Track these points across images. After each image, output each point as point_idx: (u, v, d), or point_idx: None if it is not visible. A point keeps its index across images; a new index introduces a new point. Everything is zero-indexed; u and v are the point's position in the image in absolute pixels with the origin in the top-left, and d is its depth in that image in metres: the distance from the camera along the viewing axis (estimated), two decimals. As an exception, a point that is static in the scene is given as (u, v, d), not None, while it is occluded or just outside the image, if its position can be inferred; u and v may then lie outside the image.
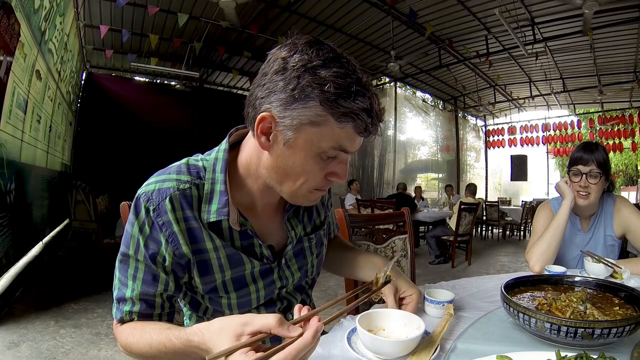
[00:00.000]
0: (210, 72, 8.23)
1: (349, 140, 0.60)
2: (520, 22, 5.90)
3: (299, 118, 0.57)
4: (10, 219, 2.86)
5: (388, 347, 0.64)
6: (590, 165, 1.35)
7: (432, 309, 0.86)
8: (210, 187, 0.67)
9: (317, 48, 0.57)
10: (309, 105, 0.56)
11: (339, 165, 0.64)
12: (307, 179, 0.63)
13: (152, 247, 0.65)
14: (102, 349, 2.19)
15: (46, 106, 4.03)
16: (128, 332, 0.65)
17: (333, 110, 0.56)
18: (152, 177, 0.68)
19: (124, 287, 0.67)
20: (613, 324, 0.63)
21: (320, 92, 0.55)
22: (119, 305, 0.67)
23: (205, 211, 0.66)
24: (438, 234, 5.06)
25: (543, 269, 1.25)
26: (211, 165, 0.69)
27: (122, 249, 0.67)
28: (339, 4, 5.76)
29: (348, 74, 0.56)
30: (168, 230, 0.64)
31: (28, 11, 2.86)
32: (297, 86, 0.56)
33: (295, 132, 0.59)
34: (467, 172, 11.78)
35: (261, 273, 0.73)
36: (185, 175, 0.67)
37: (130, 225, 0.65)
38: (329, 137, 0.59)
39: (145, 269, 0.66)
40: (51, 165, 4.66)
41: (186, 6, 5.53)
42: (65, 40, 4.52)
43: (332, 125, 0.57)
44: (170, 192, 0.64)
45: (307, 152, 0.60)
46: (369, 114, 0.58)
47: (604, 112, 9.35)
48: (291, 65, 0.57)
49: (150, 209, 0.64)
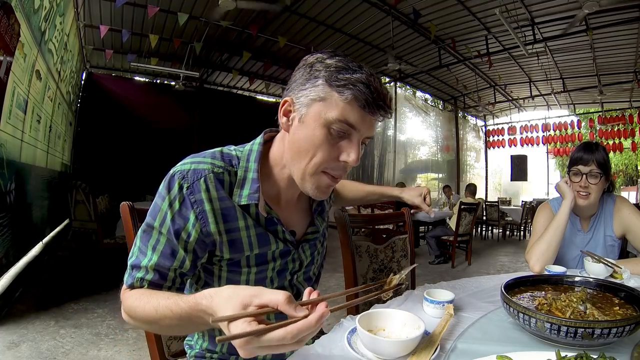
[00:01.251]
0: (210, 72, 8.23)
1: (354, 114, 0.65)
2: (520, 22, 5.90)
3: (310, 95, 0.66)
4: (10, 219, 2.86)
5: (388, 347, 0.64)
6: (590, 165, 1.35)
7: (432, 309, 0.86)
8: (243, 174, 0.73)
9: (331, 52, 0.69)
10: (317, 83, 0.66)
11: (350, 145, 0.67)
12: (315, 154, 0.67)
13: (179, 223, 0.68)
14: (102, 349, 2.19)
15: (46, 106, 4.03)
16: (136, 296, 0.66)
17: (334, 84, 0.64)
18: (187, 158, 0.73)
19: (142, 255, 0.69)
20: (613, 324, 0.63)
21: (326, 72, 0.65)
22: (132, 271, 0.69)
23: (237, 195, 0.72)
24: (438, 234, 5.06)
25: (543, 269, 1.25)
26: (245, 155, 0.75)
27: (148, 219, 0.70)
28: (339, 4, 5.76)
29: (349, 61, 0.67)
30: (199, 207, 0.68)
31: (28, 11, 2.86)
32: (310, 72, 0.67)
33: (307, 108, 0.67)
34: (467, 172, 11.78)
35: (281, 253, 0.79)
36: (219, 161, 0.73)
37: (161, 199, 0.69)
38: (334, 108, 0.65)
39: (167, 242, 0.68)
40: (51, 165, 4.66)
41: (186, 6, 5.53)
42: (65, 40, 4.52)
43: (336, 98, 0.64)
44: (205, 174, 0.69)
45: (317, 124, 0.66)
46: (367, 86, 0.63)
47: (604, 112, 9.35)
48: (308, 61, 0.69)
49: (184, 186, 0.68)
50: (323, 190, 0.71)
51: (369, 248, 1.39)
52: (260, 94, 9.84)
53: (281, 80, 8.86)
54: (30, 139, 3.49)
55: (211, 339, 0.85)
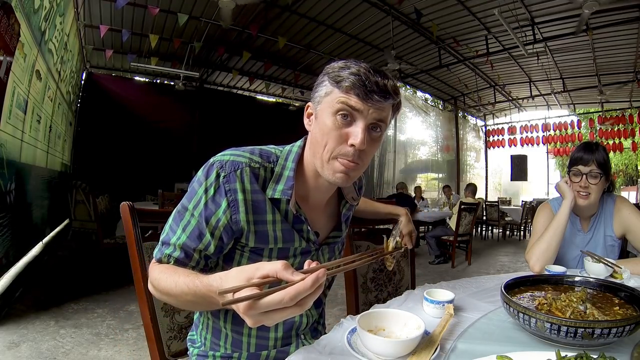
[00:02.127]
0: (210, 72, 8.23)
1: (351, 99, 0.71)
2: (520, 22, 5.90)
3: (320, 94, 0.75)
4: (10, 219, 2.86)
5: (388, 347, 0.64)
6: (590, 165, 1.35)
7: (432, 309, 0.86)
8: (280, 170, 0.79)
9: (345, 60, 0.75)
10: (324, 83, 0.75)
11: (355, 129, 0.72)
12: (327, 141, 0.73)
13: (210, 208, 0.74)
14: (102, 349, 2.19)
15: (46, 106, 4.03)
16: (162, 269, 0.72)
17: (335, 80, 0.72)
18: (228, 150, 0.79)
19: (172, 233, 0.75)
20: (613, 324, 0.63)
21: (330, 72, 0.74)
22: (162, 247, 0.76)
23: (271, 188, 0.77)
24: (438, 234, 5.06)
25: (543, 269, 1.25)
26: (284, 154, 0.82)
27: (184, 201, 0.76)
28: (339, 4, 5.76)
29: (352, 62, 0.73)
30: (232, 196, 0.74)
31: (28, 11, 2.86)
32: (321, 77, 0.76)
33: (319, 105, 0.75)
34: (467, 172, 11.78)
35: (302, 252, 0.84)
36: (257, 157, 0.78)
37: (198, 184, 0.75)
38: (337, 99, 0.72)
39: (196, 224, 0.74)
40: (51, 165, 4.66)
41: (186, 6, 5.54)
42: (65, 40, 4.52)
43: (337, 91, 0.72)
44: (242, 167, 0.75)
45: (326, 116, 0.73)
46: (357, 76, 0.70)
47: (604, 112, 9.35)
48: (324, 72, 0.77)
49: (221, 175, 0.74)
50: (340, 174, 0.75)
51: (368, 248, 1.39)
52: (260, 94, 9.84)
53: (281, 80, 8.85)
54: (30, 139, 3.49)
55: (215, 331, 0.86)
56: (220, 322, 0.85)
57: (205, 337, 0.87)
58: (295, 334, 0.89)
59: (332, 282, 1.00)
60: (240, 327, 0.84)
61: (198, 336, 0.89)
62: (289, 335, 0.88)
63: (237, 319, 0.83)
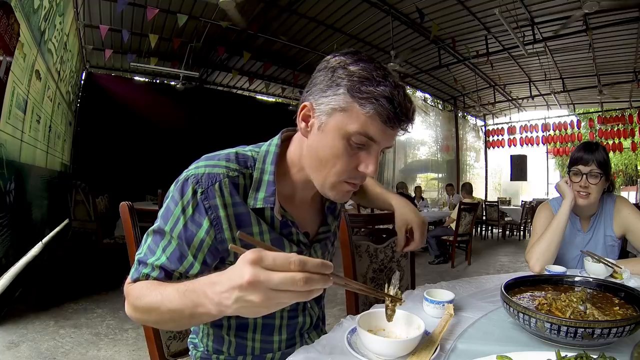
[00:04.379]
0: (210, 72, 8.23)
1: (375, 128, 0.63)
2: (520, 22, 5.90)
3: (331, 104, 0.64)
4: (10, 219, 2.86)
5: (388, 347, 0.64)
6: (590, 165, 1.34)
7: (432, 309, 0.86)
8: (259, 176, 0.72)
9: (353, 54, 0.66)
10: (339, 92, 0.63)
11: (369, 156, 0.67)
12: (335, 164, 0.66)
13: (191, 229, 0.67)
14: (102, 349, 2.19)
15: (46, 106, 4.03)
16: (141, 285, 0.64)
17: (357, 96, 0.62)
18: (201, 161, 0.71)
19: (150, 253, 0.68)
20: (613, 324, 0.63)
21: (348, 81, 0.62)
22: (139, 266, 0.68)
23: (252, 197, 0.71)
24: (438, 234, 5.06)
25: (543, 269, 1.25)
26: (262, 156, 0.74)
27: (160, 223, 0.68)
28: (339, 4, 5.76)
29: (374, 69, 0.63)
30: (214, 214, 0.67)
31: (28, 11, 2.86)
32: (331, 78, 0.64)
33: (327, 117, 0.65)
34: (467, 172, 11.79)
35: None
36: (234, 163, 0.71)
37: (174, 203, 0.68)
38: (354, 121, 0.63)
39: (177, 246, 0.67)
40: (51, 165, 4.66)
41: (186, 6, 5.53)
42: (65, 40, 4.51)
43: (357, 111, 0.62)
44: (220, 179, 0.68)
45: (336, 135, 0.64)
46: (390, 101, 0.61)
47: (604, 112, 9.35)
48: (330, 64, 0.66)
49: (198, 192, 0.67)
50: (344, 196, 0.72)
51: (368, 248, 1.39)
52: (260, 94, 9.85)
53: (281, 80, 8.85)
54: (30, 139, 3.49)
55: (216, 339, 0.83)
56: (222, 331, 0.82)
57: (207, 343, 0.85)
58: (299, 334, 0.87)
59: None
60: (244, 332, 0.81)
61: (199, 341, 0.87)
62: (293, 336, 0.86)
63: (241, 324, 0.81)
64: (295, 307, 0.85)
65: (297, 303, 0.84)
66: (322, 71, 0.67)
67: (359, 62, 0.64)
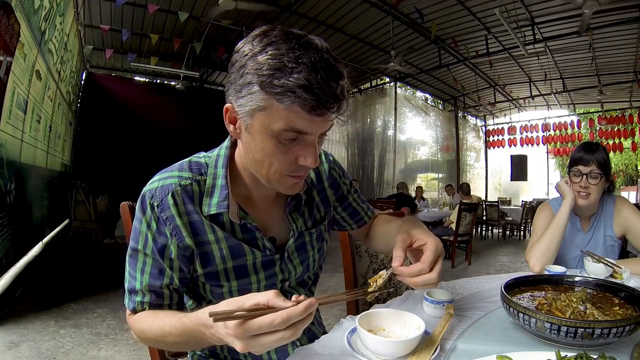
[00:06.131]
0: (210, 72, 8.23)
1: (301, 120, 0.57)
2: (520, 22, 5.90)
3: (249, 104, 0.58)
4: (10, 219, 2.86)
5: (388, 347, 0.64)
6: (590, 165, 1.35)
7: (432, 309, 0.86)
8: (212, 181, 0.71)
9: (263, 36, 0.58)
10: (253, 90, 0.57)
11: (305, 148, 0.62)
12: (271, 163, 0.63)
13: (160, 241, 0.68)
14: (102, 349, 2.19)
15: (46, 106, 4.03)
16: (142, 319, 0.68)
17: (271, 92, 0.55)
18: (156, 175, 0.72)
19: (133, 280, 0.70)
20: (613, 324, 0.63)
21: (258, 76, 0.56)
22: (131, 296, 0.70)
23: (206, 204, 0.70)
24: (438, 234, 5.06)
25: (543, 269, 1.25)
26: (213, 161, 0.73)
27: (131, 244, 0.70)
28: (339, 4, 5.76)
29: (283, 53, 0.55)
30: (172, 224, 0.68)
31: (28, 11, 2.86)
32: (243, 75, 0.58)
33: (250, 118, 0.60)
34: (467, 172, 11.78)
35: (263, 264, 0.76)
36: (187, 172, 0.71)
37: (138, 222, 0.69)
38: (277, 119, 0.58)
39: (153, 262, 0.69)
40: (51, 165, 4.66)
41: (186, 6, 5.53)
42: (65, 40, 4.52)
43: (277, 107, 0.56)
44: (172, 189, 0.68)
45: (264, 136, 0.60)
46: (308, 89, 0.54)
47: (604, 112, 9.35)
48: (239, 57, 0.60)
49: (154, 205, 0.68)
50: (293, 188, 0.68)
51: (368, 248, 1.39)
52: (260, 94, 9.85)
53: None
54: (30, 139, 3.49)
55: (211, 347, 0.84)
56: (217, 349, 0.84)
57: (204, 350, 0.86)
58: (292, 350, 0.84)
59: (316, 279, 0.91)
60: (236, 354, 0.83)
61: None
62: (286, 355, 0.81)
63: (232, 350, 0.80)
64: None
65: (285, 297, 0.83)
66: (234, 66, 0.60)
67: (267, 47, 0.56)
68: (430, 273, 0.65)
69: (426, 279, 0.64)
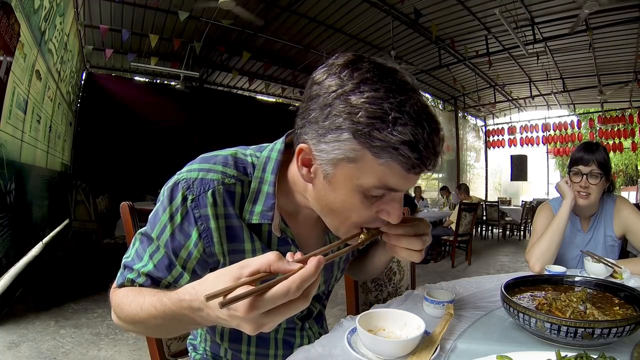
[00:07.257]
0: (211, 72, 8.23)
1: (396, 177, 0.51)
2: (520, 22, 5.90)
3: (334, 152, 0.51)
4: (10, 219, 2.86)
5: (388, 347, 0.64)
6: (590, 165, 1.34)
7: (432, 309, 0.86)
8: (257, 186, 0.63)
9: (352, 68, 0.50)
10: (342, 138, 0.49)
11: (390, 203, 0.56)
12: (349, 216, 0.57)
13: (179, 239, 0.61)
14: (102, 349, 2.19)
15: (46, 106, 4.03)
16: (124, 293, 0.60)
17: (368, 144, 0.48)
18: (195, 163, 0.63)
19: (137, 258, 0.63)
20: (613, 324, 0.63)
21: (351, 122, 0.48)
22: (124, 271, 0.64)
23: (248, 211, 0.63)
24: (438, 234, 5.06)
25: (543, 269, 1.25)
26: (262, 163, 0.65)
27: (148, 227, 0.63)
28: (339, 4, 5.76)
29: (385, 98, 0.47)
30: (204, 224, 0.60)
31: (28, 11, 2.86)
32: (329, 116, 0.50)
33: (333, 168, 0.53)
34: (467, 172, 11.78)
35: None
36: (232, 169, 0.63)
37: (162, 209, 0.61)
38: (369, 175, 0.51)
39: (165, 254, 0.62)
40: (51, 165, 4.66)
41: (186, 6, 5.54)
42: (65, 40, 4.52)
43: (371, 162, 0.50)
44: (214, 186, 0.60)
45: (348, 190, 0.53)
46: (413, 147, 0.47)
47: (604, 112, 9.35)
48: (323, 91, 0.51)
49: (188, 198, 0.60)
50: (356, 240, 0.63)
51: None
52: (260, 94, 9.86)
53: (281, 80, 8.86)
54: (30, 139, 3.49)
55: (213, 345, 0.81)
56: (217, 337, 0.78)
57: (205, 349, 0.82)
58: None
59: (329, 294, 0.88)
60: (238, 345, 0.77)
61: (199, 344, 0.84)
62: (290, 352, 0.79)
63: (234, 337, 0.77)
64: (293, 326, 0.80)
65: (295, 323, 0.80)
66: (314, 101, 0.52)
67: (361, 86, 0.48)
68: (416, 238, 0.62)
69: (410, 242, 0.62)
